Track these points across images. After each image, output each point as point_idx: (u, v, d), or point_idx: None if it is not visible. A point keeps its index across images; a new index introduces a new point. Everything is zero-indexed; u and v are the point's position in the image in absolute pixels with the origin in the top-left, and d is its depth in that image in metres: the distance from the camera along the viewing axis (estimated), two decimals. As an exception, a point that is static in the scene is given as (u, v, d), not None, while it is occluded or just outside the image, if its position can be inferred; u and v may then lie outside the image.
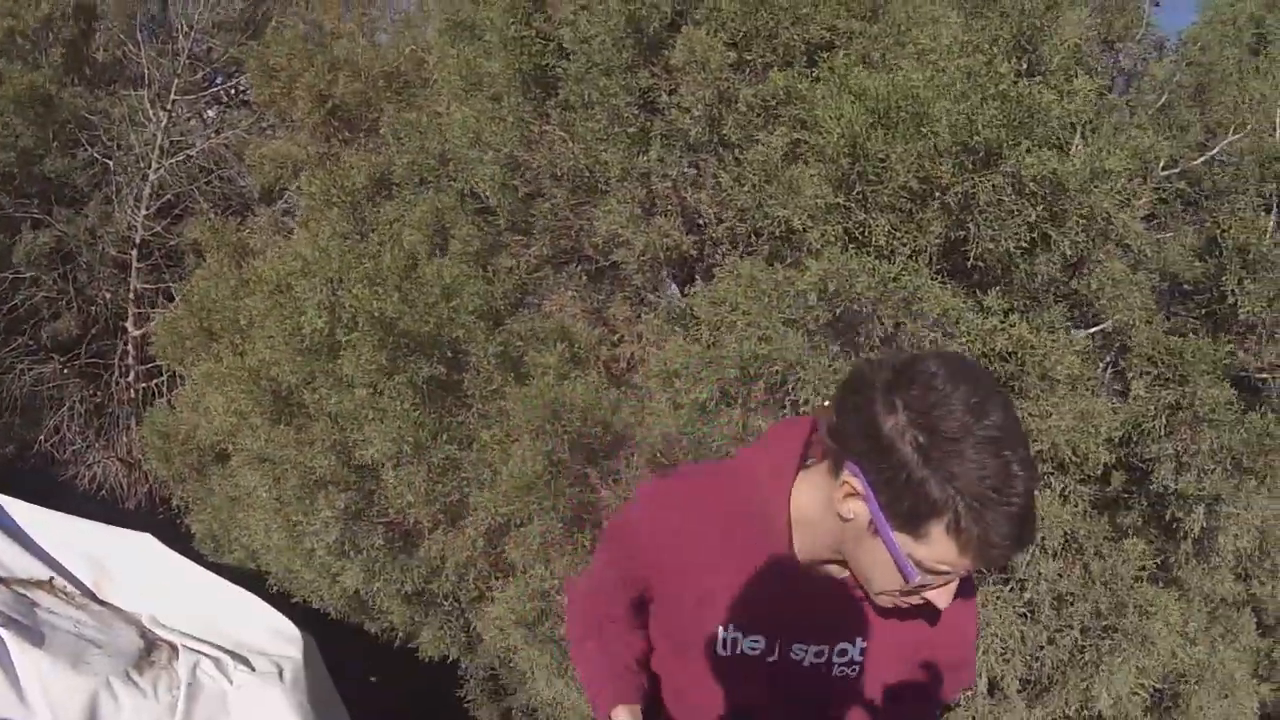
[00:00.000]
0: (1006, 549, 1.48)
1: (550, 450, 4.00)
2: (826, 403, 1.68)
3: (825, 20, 4.47)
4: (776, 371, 3.80)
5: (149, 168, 8.11)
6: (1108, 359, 4.49)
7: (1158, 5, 5.42)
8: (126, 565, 5.04)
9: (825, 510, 1.64)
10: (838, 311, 3.85)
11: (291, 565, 4.97)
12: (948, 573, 1.54)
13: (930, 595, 1.60)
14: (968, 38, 4.25)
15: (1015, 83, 3.95)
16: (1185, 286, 4.66)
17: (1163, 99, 5.06)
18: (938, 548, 1.50)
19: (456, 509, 4.40)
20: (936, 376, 1.46)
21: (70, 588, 4.96)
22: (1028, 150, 3.88)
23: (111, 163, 8.39)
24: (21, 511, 5.16)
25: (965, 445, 1.43)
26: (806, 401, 3.83)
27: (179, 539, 6.11)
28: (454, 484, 4.29)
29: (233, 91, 9.09)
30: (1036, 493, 1.48)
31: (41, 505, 5.25)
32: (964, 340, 3.89)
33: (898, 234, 3.98)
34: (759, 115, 4.37)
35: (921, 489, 1.45)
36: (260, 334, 4.88)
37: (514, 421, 4.09)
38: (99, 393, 8.60)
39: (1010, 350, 3.89)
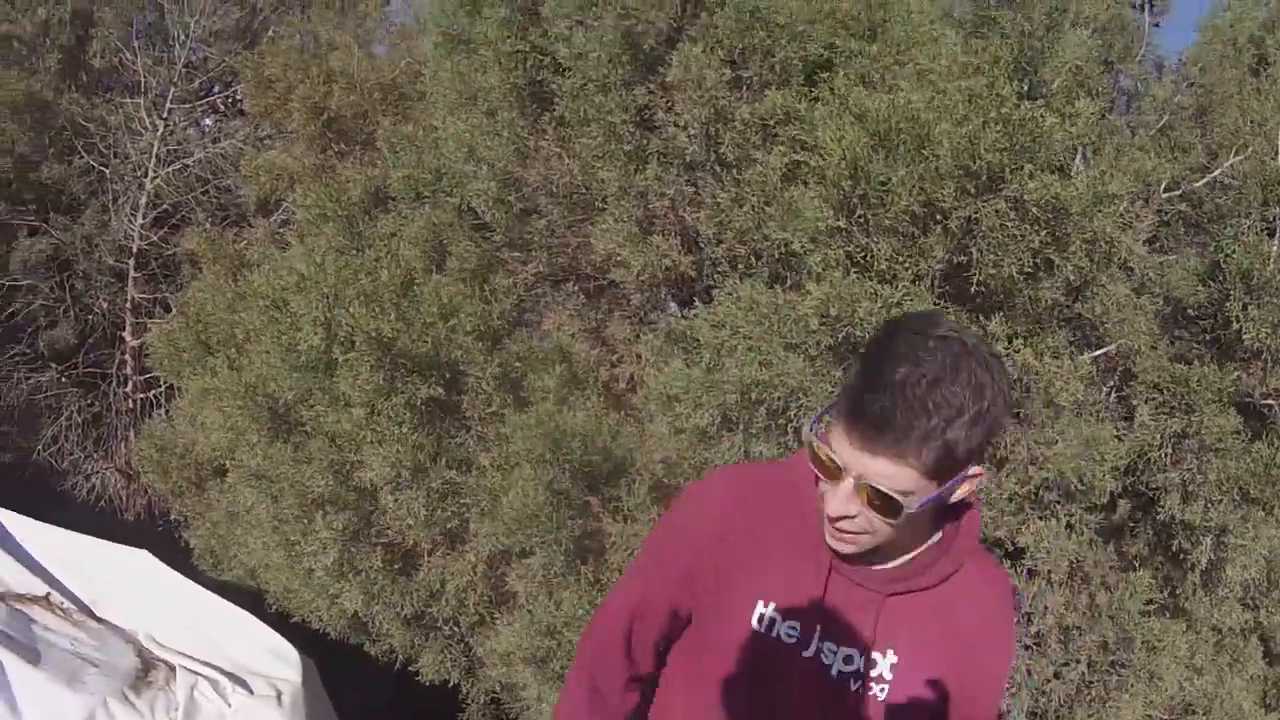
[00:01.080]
0: (864, 406, 1.53)
1: (551, 480, 3.96)
2: None
3: (823, 38, 4.42)
4: (779, 397, 3.76)
5: (145, 176, 8.07)
6: (1111, 383, 4.45)
7: (1157, 26, 5.39)
8: (124, 582, 4.97)
9: None
10: (840, 337, 3.81)
11: (290, 584, 4.93)
12: (841, 469, 1.59)
13: (827, 496, 1.65)
14: (968, 59, 4.21)
15: (1017, 106, 3.91)
16: (1189, 311, 4.59)
17: (1163, 120, 5.03)
18: (834, 428, 1.59)
19: (457, 532, 4.36)
20: (919, 334, 1.55)
21: (67, 604, 4.89)
22: (1030, 174, 3.85)
23: (108, 170, 8.35)
24: (19, 525, 5.07)
25: (885, 360, 1.53)
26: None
27: (178, 553, 6.07)
28: (454, 509, 4.25)
29: (229, 101, 9.04)
30: (920, 404, 1.50)
31: (40, 516, 5.20)
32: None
33: (900, 258, 3.94)
34: (756, 134, 4.33)
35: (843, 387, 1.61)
36: (256, 349, 4.84)
37: (514, 448, 4.06)
38: (97, 402, 8.56)
39: (1015, 376, 3.86)
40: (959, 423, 1.50)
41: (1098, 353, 4.30)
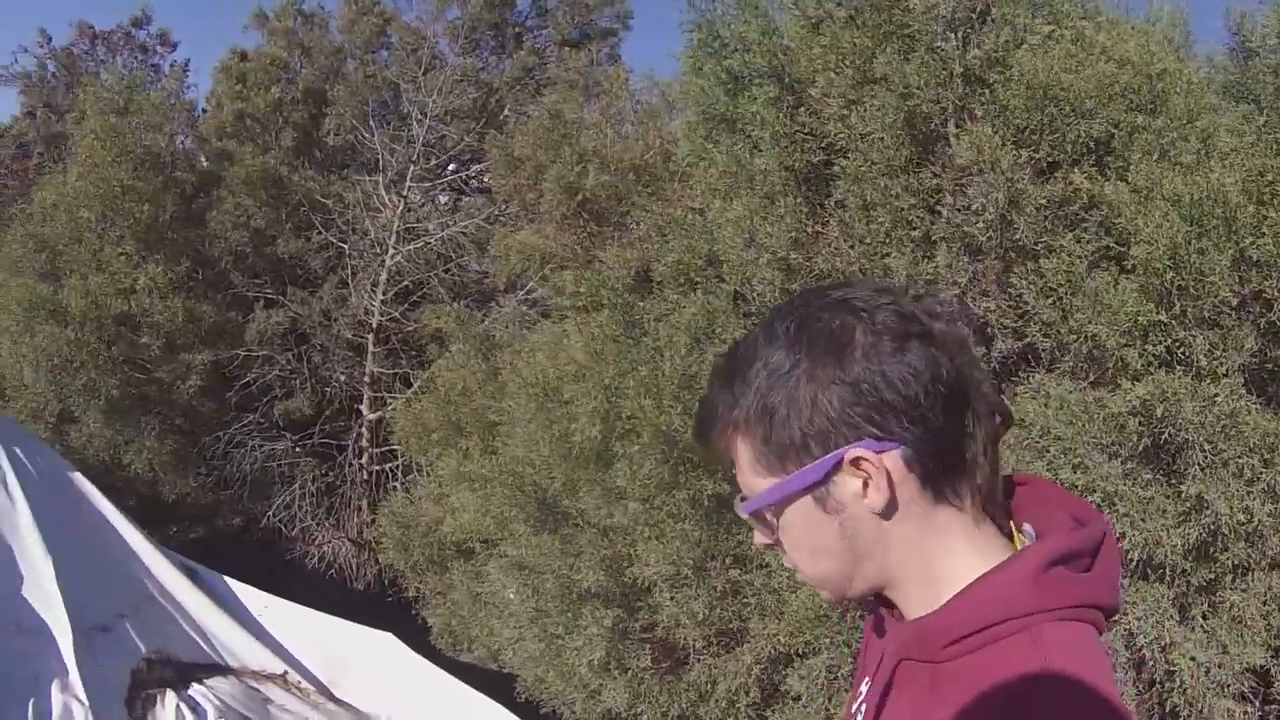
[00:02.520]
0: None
1: (846, 578, 3.76)
2: None
3: (1110, 115, 4.17)
4: (1092, 503, 3.50)
5: (386, 253, 8.20)
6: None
7: None
8: (365, 664, 4.91)
9: None
10: (1161, 438, 3.54)
11: (544, 675, 4.81)
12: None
13: None
14: (1273, 135, 3.91)
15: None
16: None
17: None
18: None
19: (733, 632, 4.18)
20: None
21: (304, 683, 4.84)
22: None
23: (346, 246, 8.52)
24: (254, 599, 5.09)
25: None
26: (1123, 535, 3.53)
27: (414, 630, 6.05)
28: (735, 609, 4.07)
29: (467, 179, 9.16)
30: (721, 383, 1.24)
31: (270, 580, 5.17)
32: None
33: (1216, 351, 3.65)
34: (1049, 218, 4.09)
35: None
36: (522, 434, 4.77)
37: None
38: (331, 472, 8.70)
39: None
40: (757, 385, 1.19)
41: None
